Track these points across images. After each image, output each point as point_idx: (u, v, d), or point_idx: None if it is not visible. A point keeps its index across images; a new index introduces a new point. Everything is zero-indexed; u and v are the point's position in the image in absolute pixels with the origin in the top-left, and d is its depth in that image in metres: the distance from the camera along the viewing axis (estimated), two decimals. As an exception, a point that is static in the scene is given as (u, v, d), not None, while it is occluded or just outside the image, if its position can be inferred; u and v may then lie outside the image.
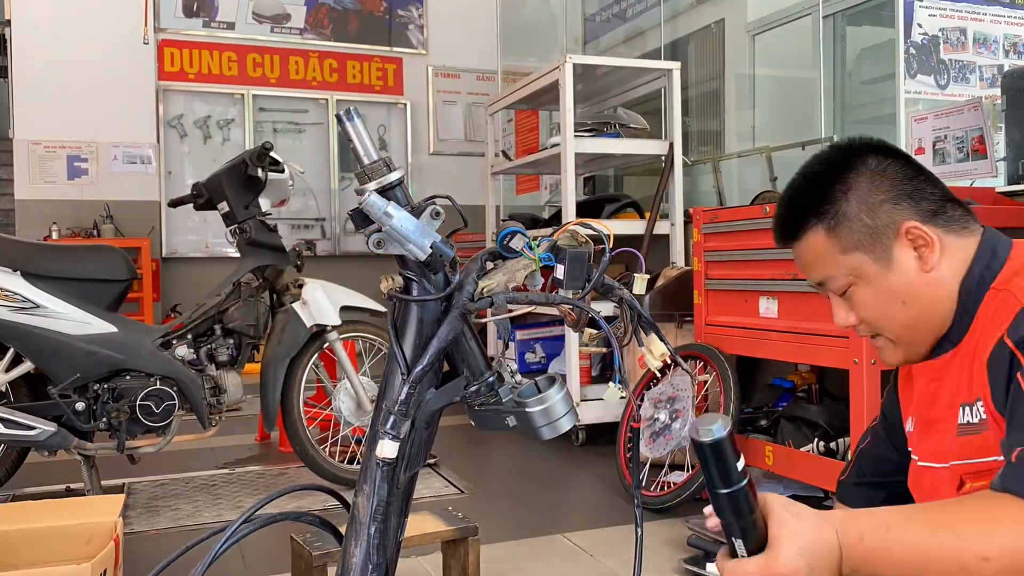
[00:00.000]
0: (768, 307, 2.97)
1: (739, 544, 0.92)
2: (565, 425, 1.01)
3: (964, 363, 1.14)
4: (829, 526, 0.95)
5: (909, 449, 1.28)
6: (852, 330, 1.25)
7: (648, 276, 3.80)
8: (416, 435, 1.05)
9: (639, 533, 1.08)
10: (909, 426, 1.29)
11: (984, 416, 1.08)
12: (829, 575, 0.95)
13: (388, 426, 1.00)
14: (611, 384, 1.05)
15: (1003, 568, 0.90)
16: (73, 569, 1.90)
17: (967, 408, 1.12)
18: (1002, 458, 0.99)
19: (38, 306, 2.94)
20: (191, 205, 3.41)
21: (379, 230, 0.97)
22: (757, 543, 0.92)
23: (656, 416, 3.15)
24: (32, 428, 2.91)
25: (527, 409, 1.00)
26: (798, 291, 2.82)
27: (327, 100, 7.77)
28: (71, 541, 2.18)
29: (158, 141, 7.23)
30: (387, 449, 1.00)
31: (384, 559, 1.07)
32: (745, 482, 0.89)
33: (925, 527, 0.94)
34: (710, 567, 2.43)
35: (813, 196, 1.20)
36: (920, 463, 1.21)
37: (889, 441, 1.39)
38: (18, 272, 2.95)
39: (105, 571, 1.99)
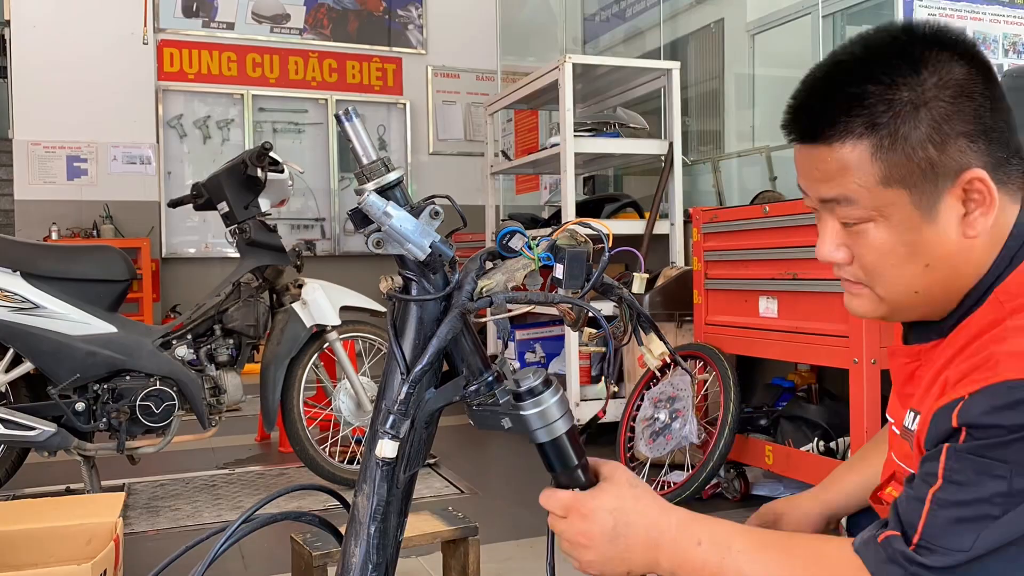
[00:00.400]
0: (768, 307, 2.97)
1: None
2: (561, 428, 1.01)
3: (934, 366, 0.97)
4: (667, 515, 0.98)
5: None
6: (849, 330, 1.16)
7: (647, 275, 3.80)
8: (416, 435, 1.05)
9: None
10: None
11: (915, 432, 0.97)
12: (637, 555, 0.97)
13: (387, 426, 1.00)
14: (603, 380, 1.05)
15: None
16: (73, 570, 1.90)
17: (912, 414, 1.00)
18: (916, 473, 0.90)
19: (38, 306, 2.94)
20: (191, 205, 3.41)
21: (378, 230, 0.97)
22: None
23: (656, 416, 3.15)
24: (32, 428, 2.91)
25: (522, 412, 1.00)
26: (798, 291, 2.82)
27: (326, 100, 7.77)
28: (71, 541, 2.18)
29: (157, 141, 7.23)
30: (387, 449, 1.00)
31: (384, 559, 1.07)
32: (564, 432, 0.99)
33: (766, 565, 0.93)
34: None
35: (870, 94, 0.89)
36: (893, 428, 1.11)
37: None
38: (18, 272, 2.96)
39: (105, 571, 1.99)
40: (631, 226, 4.26)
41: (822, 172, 0.93)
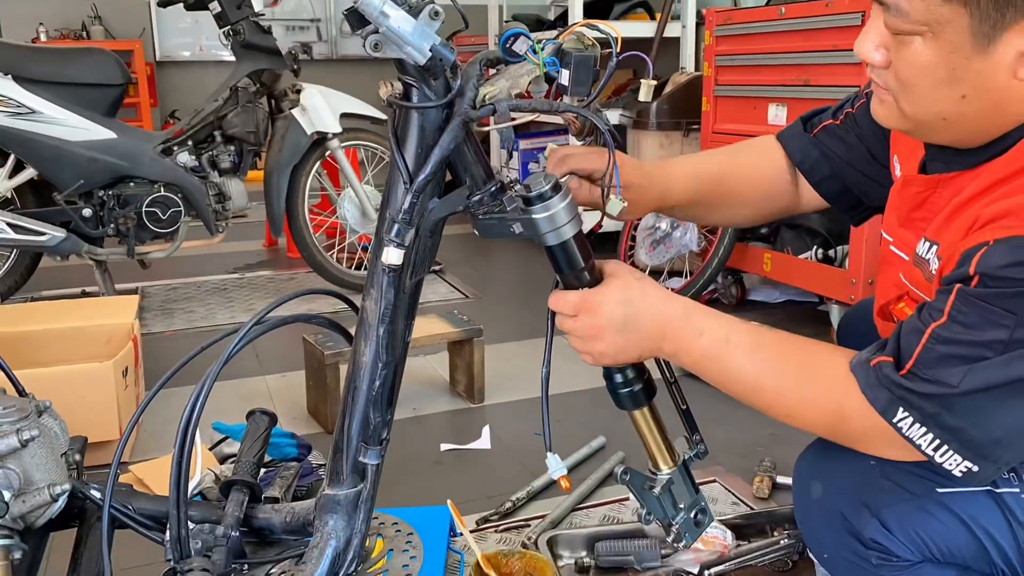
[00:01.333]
0: (777, 114, 2.91)
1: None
2: (569, 232, 1.02)
3: (956, 195, 0.95)
4: (672, 304, 1.01)
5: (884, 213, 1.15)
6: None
7: (655, 82, 3.69)
8: (420, 243, 1.06)
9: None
10: (896, 171, 1.15)
11: (931, 260, 0.96)
12: (645, 342, 1.02)
13: (392, 234, 1.01)
14: (612, 196, 1.05)
15: (796, 424, 0.97)
16: (96, 367, 1.99)
17: (927, 243, 0.98)
18: (930, 299, 0.92)
19: (34, 111, 2.90)
20: (181, 5, 3.27)
21: (376, 31, 0.94)
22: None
23: (657, 225, 3.17)
24: (43, 234, 2.95)
25: (533, 216, 1.01)
26: (809, 98, 2.76)
27: None
28: (91, 341, 2.28)
29: (141, -68, 6.80)
30: (392, 256, 1.02)
31: (393, 358, 1.12)
32: (572, 236, 1.01)
33: (759, 363, 0.98)
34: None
35: None
36: (892, 247, 1.10)
37: (866, 148, 1.22)
38: (9, 76, 2.89)
39: (126, 369, 2.10)
40: (641, 28, 4.09)
41: None
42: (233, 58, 3.24)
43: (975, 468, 0.88)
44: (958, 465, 0.88)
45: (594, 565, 1.56)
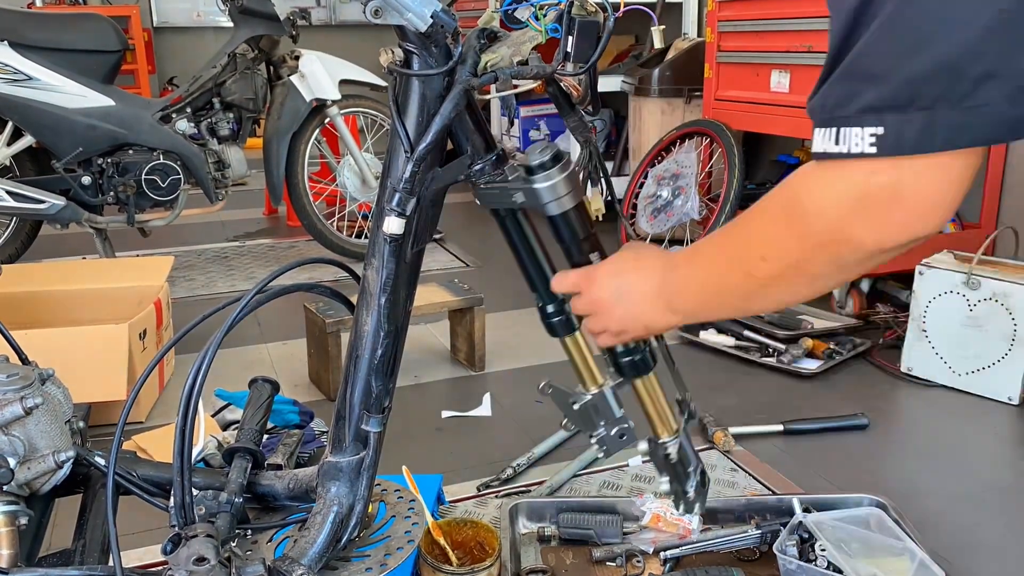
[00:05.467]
0: (780, 81, 2.89)
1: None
2: (570, 202, 1.02)
3: None
4: (663, 259, 0.97)
5: None
6: None
7: (664, 27, 3.65)
8: (422, 212, 1.06)
9: None
10: None
11: None
12: (646, 308, 0.97)
13: (394, 203, 1.00)
14: (590, 189, 1.05)
15: (779, 269, 0.83)
16: (111, 328, 2.00)
17: None
18: None
19: (31, 78, 2.87)
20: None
21: (376, -3, 0.93)
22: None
23: (659, 193, 3.16)
24: (42, 202, 2.95)
25: (534, 185, 1.00)
26: (812, 64, 2.74)
27: None
28: (123, 302, 2.32)
29: None
30: (393, 225, 1.01)
31: (395, 327, 1.12)
32: (574, 206, 1.02)
33: (720, 236, 0.91)
34: (703, 334, 2.55)
35: None
36: None
37: None
38: (5, 42, 2.86)
39: (144, 331, 2.09)
40: (643, -7, 4.04)
41: None
42: (231, 24, 3.20)
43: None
44: None
45: (556, 535, 1.56)
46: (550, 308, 1.13)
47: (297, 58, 3.26)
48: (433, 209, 1.09)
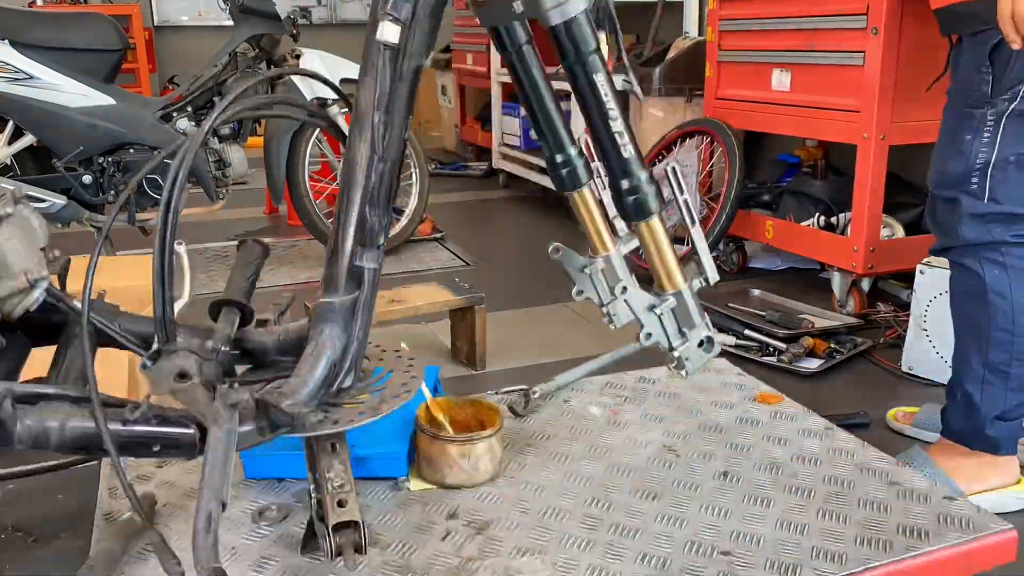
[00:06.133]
0: (781, 80, 2.89)
1: None
2: (574, 8, 0.92)
3: None
4: None
5: None
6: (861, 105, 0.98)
7: None
8: (418, 24, 0.98)
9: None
10: None
11: None
12: None
13: (389, 7, 0.93)
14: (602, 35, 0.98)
15: None
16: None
17: None
18: None
19: (31, 77, 2.87)
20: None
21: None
22: None
23: (660, 191, 3.16)
24: (43, 201, 2.95)
25: None
26: (813, 63, 2.73)
27: None
28: (123, 302, 2.28)
29: None
30: (388, 32, 0.94)
31: (390, 155, 1.04)
32: (580, 12, 0.92)
33: None
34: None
35: None
36: None
37: None
38: (6, 40, 2.86)
39: None
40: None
41: None
42: (232, 23, 3.20)
43: None
44: None
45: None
46: (558, 158, 1.05)
47: (298, 57, 3.26)
48: (431, 20, 0.99)
